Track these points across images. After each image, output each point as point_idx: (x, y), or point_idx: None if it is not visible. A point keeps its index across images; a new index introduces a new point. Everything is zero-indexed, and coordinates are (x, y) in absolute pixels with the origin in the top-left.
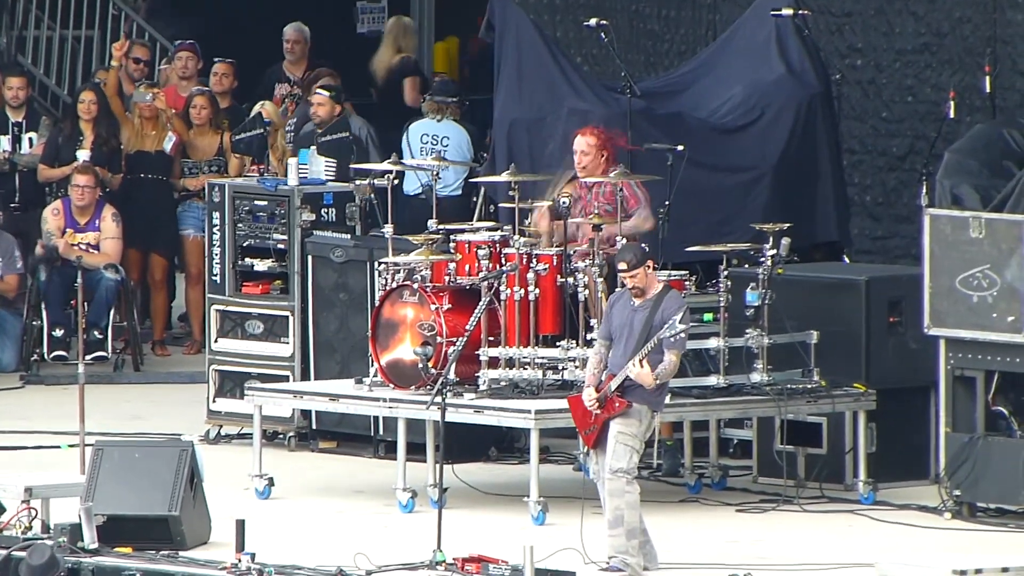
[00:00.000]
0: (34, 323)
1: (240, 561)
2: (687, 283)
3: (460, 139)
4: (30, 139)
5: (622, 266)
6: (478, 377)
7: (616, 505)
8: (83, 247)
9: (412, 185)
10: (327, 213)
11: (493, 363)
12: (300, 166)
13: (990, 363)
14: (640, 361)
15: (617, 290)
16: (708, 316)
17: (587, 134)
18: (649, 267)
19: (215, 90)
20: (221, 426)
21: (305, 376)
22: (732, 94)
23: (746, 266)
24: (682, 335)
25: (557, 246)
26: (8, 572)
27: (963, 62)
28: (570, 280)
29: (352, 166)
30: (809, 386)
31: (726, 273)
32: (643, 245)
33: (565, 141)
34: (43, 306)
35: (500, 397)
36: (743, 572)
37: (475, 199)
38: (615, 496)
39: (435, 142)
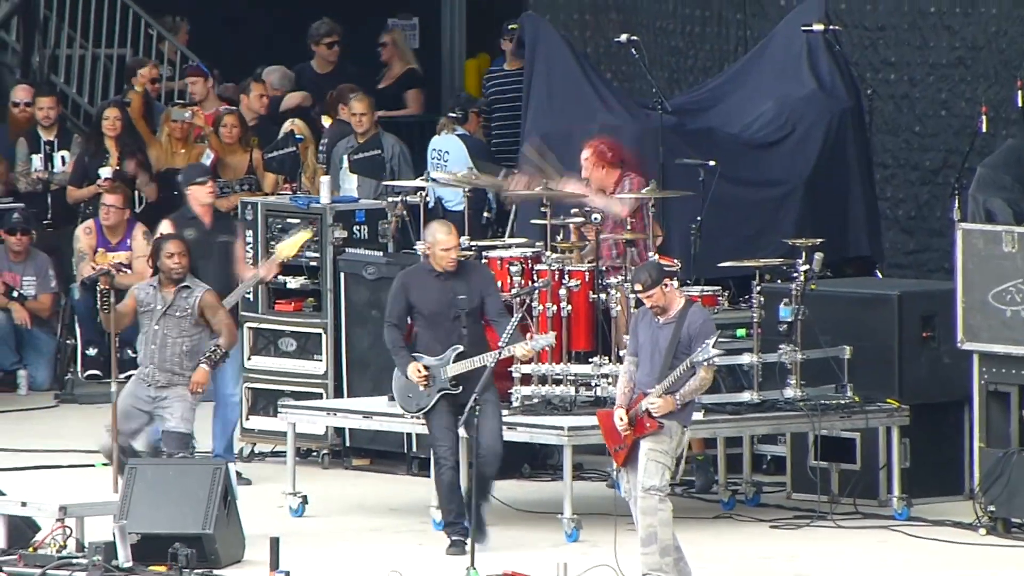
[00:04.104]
0: (68, 342)
1: None
2: (720, 298)
3: (459, 152)
4: (63, 157)
5: (637, 287)
6: (511, 394)
7: (649, 523)
8: (115, 266)
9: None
10: (359, 230)
11: (526, 380)
12: None
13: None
14: (658, 395)
15: (643, 306)
16: (741, 332)
17: (585, 147)
18: (667, 285)
19: (226, 141)
20: (255, 444)
21: (338, 393)
22: (763, 110)
23: (779, 281)
24: (714, 359)
25: (589, 261)
26: None
27: (999, 75)
28: (602, 296)
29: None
30: (842, 401)
31: (759, 288)
32: (661, 263)
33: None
34: (76, 325)
35: (533, 414)
36: None
37: (486, 214)
38: (648, 514)
39: (438, 156)
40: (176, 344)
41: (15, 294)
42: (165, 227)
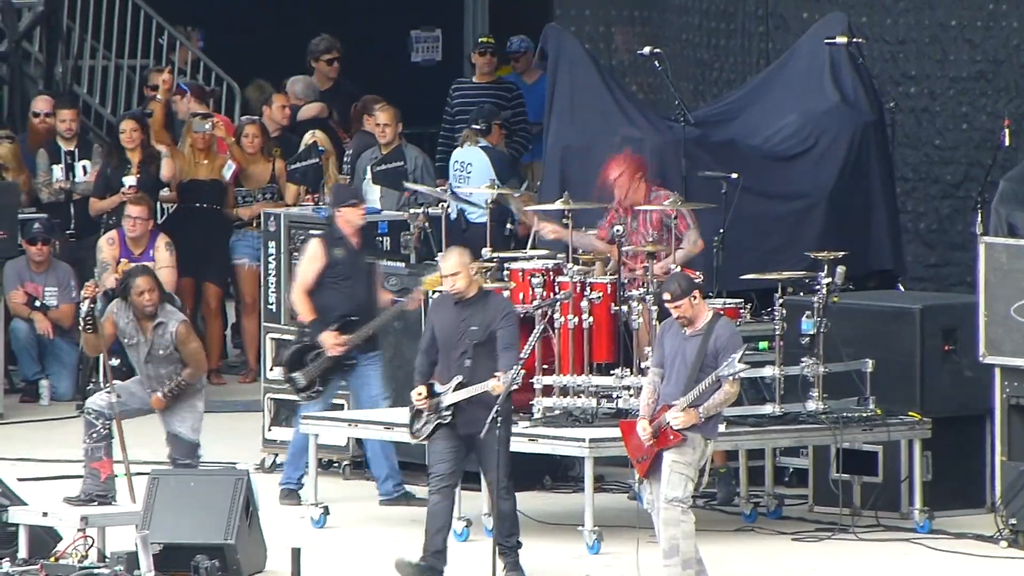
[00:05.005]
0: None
1: None
2: (742, 311)
3: (482, 164)
4: (84, 167)
5: (666, 297)
6: (532, 405)
7: (671, 535)
8: None
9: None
10: (382, 242)
11: (547, 391)
12: None
13: None
14: (682, 408)
15: (669, 317)
16: (763, 344)
17: (612, 167)
18: (695, 297)
19: (248, 151)
20: (276, 455)
21: None
22: (786, 122)
23: (801, 294)
24: (740, 373)
25: (611, 274)
26: None
27: (1020, 89)
28: (624, 308)
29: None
30: (864, 414)
31: (781, 301)
32: (690, 275)
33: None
34: None
35: (554, 425)
36: None
37: (509, 226)
38: (670, 526)
39: (461, 168)
40: (170, 373)
41: (37, 304)
42: (315, 245)
